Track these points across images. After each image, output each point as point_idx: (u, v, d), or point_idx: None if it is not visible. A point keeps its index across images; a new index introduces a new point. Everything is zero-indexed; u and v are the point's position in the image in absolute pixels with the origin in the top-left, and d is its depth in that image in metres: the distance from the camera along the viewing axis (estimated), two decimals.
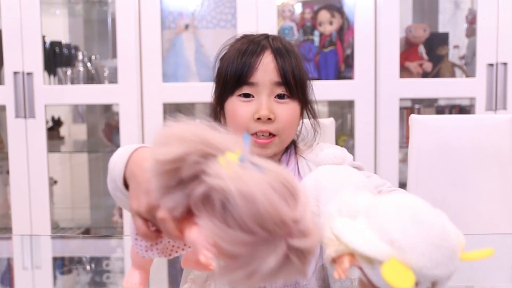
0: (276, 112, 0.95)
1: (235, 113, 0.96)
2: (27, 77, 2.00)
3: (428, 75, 2.16)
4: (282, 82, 0.95)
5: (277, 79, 0.95)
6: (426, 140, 1.36)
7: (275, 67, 0.95)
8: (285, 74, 0.95)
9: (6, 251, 1.13)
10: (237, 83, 0.95)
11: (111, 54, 2.46)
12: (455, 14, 2.34)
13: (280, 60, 0.95)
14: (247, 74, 0.94)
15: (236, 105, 0.96)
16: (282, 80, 0.95)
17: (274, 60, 0.95)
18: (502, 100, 1.95)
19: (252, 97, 0.95)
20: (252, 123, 0.95)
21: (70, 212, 2.58)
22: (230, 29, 2.14)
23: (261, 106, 0.94)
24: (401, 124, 2.08)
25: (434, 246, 0.50)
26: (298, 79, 0.97)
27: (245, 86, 0.95)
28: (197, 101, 2.23)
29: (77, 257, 1.08)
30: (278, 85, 0.95)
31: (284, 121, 0.96)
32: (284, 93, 0.96)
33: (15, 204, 2.05)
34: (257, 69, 0.94)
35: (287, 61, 0.96)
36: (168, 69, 2.15)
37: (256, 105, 0.95)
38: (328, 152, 0.82)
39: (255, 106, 0.95)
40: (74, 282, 0.93)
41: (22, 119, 2.02)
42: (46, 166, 2.04)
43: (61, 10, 2.56)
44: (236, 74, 0.95)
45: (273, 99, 0.96)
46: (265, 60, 0.95)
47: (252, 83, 0.94)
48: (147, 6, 2.00)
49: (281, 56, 0.96)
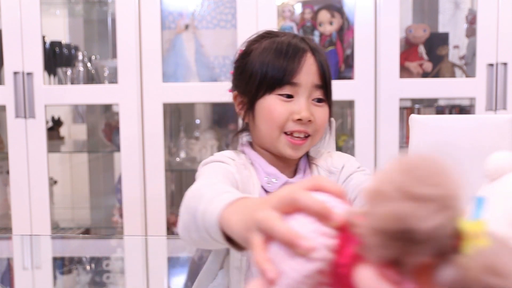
0: (314, 114, 0.97)
1: (273, 111, 0.96)
2: (27, 77, 2.00)
3: (428, 75, 2.16)
4: (321, 85, 0.97)
5: (318, 82, 0.96)
6: (426, 140, 1.36)
7: (317, 70, 0.96)
8: (325, 77, 0.97)
9: (6, 251, 1.13)
10: (279, 83, 0.95)
11: (111, 54, 2.46)
12: (455, 14, 2.34)
13: (320, 63, 0.97)
14: (291, 74, 0.95)
15: (275, 104, 0.96)
16: (322, 83, 0.97)
17: (315, 63, 0.97)
18: (502, 100, 1.95)
19: (292, 97, 0.96)
20: (289, 122, 0.96)
21: (70, 212, 2.58)
22: (230, 29, 2.14)
23: (302, 108, 0.95)
24: (401, 124, 2.07)
25: None
26: (330, 82, 0.99)
27: (287, 86, 0.95)
28: (197, 101, 2.23)
29: (77, 257, 1.08)
30: (317, 88, 0.97)
31: (320, 123, 0.98)
32: (321, 97, 0.98)
33: (15, 204, 2.05)
34: (301, 70, 0.95)
35: (324, 64, 0.98)
36: (168, 69, 2.15)
37: (296, 105, 0.95)
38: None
39: (295, 106, 0.95)
40: (74, 282, 0.93)
41: (22, 119, 2.02)
42: (46, 166, 2.04)
43: (61, 10, 2.56)
44: (279, 74, 0.95)
45: (310, 101, 0.97)
46: (307, 62, 0.96)
47: (295, 84, 0.95)
48: (147, 6, 2.00)
49: (320, 59, 0.98)
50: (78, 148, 2.66)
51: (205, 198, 0.68)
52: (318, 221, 0.45)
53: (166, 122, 2.23)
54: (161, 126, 2.02)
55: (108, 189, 2.56)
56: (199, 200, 0.69)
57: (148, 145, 2.03)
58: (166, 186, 2.11)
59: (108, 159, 2.55)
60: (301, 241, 0.44)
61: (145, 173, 2.03)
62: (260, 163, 1.00)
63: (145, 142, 2.03)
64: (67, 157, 2.69)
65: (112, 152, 2.41)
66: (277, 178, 0.98)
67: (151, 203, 2.04)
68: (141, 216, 2.04)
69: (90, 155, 2.60)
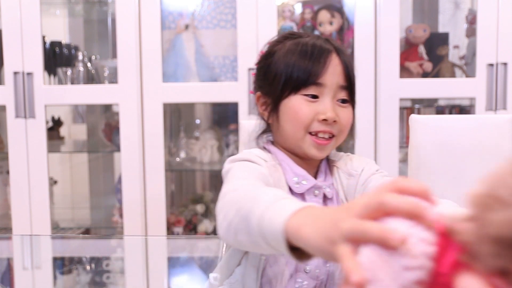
0: (339, 115, 0.97)
1: (298, 111, 0.96)
2: (27, 77, 2.00)
3: (428, 75, 2.16)
4: (346, 86, 0.97)
5: (343, 83, 0.96)
6: (426, 140, 1.36)
7: (342, 70, 0.96)
8: (350, 78, 0.97)
9: (6, 251, 1.13)
10: (305, 83, 0.95)
11: (111, 54, 2.46)
12: (455, 14, 2.34)
13: (345, 63, 0.97)
14: (317, 75, 0.95)
15: (300, 104, 0.96)
16: (347, 84, 0.97)
17: (340, 64, 0.97)
18: (502, 100, 1.95)
19: (317, 97, 0.96)
20: (314, 123, 0.96)
21: (70, 212, 2.58)
22: (230, 29, 2.14)
23: (328, 108, 0.95)
24: (401, 124, 2.07)
25: None
26: (354, 83, 0.99)
27: (313, 86, 0.95)
28: (197, 101, 2.23)
29: (77, 257, 1.08)
30: (342, 88, 0.97)
31: (344, 124, 0.98)
32: (346, 98, 0.98)
33: (15, 204, 2.05)
34: (326, 70, 0.95)
35: (349, 65, 0.98)
36: (168, 69, 2.15)
37: (322, 106, 0.96)
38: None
39: (320, 107, 0.95)
40: (74, 282, 0.93)
41: (22, 119, 2.02)
42: (46, 166, 2.04)
43: (61, 10, 2.56)
44: (304, 74, 0.95)
45: (335, 101, 0.97)
46: (333, 62, 0.96)
47: (320, 84, 0.95)
48: (147, 6, 2.00)
49: (345, 60, 0.97)
50: (78, 148, 2.66)
51: (261, 202, 0.65)
52: (414, 226, 0.42)
53: (166, 122, 2.23)
54: (161, 126, 2.02)
55: (108, 189, 2.56)
56: (253, 203, 0.67)
57: (148, 145, 2.03)
58: (166, 186, 2.11)
59: (108, 159, 2.55)
60: (395, 234, 0.41)
61: (145, 173, 2.03)
62: (289, 163, 1.00)
63: (145, 142, 2.03)
64: (67, 157, 2.69)
65: (112, 152, 2.41)
66: (306, 180, 0.98)
67: (151, 203, 2.04)
68: (141, 216, 2.04)
69: (90, 155, 2.60)
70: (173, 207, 2.37)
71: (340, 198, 1.02)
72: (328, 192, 0.99)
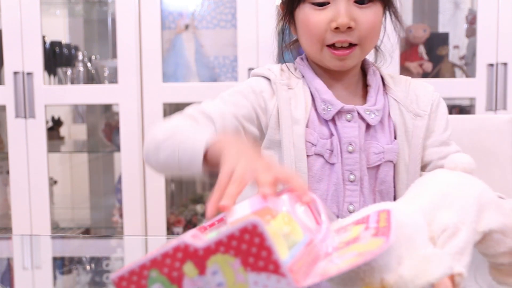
0: (357, 19, 0.84)
1: (308, 22, 0.85)
2: (27, 77, 2.00)
3: (428, 75, 2.16)
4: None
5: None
6: None
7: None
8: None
9: (6, 251, 1.13)
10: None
11: (111, 54, 2.46)
12: (455, 14, 2.34)
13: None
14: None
15: (309, 14, 0.85)
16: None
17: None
18: (502, 100, 1.95)
19: (328, 4, 0.84)
20: (328, 33, 0.85)
21: (70, 212, 2.58)
22: (230, 29, 2.14)
23: (339, 13, 0.83)
24: None
25: None
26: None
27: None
28: (197, 101, 2.22)
29: (77, 257, 1.08)
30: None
31: (366, 28, 0.85)
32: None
33: (15, 204, 2.05)
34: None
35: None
36: (168, 69, 2.15)
37: (333, 12, 0.83)
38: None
39: (332, 13, 0.83)
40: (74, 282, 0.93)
41: (22, 119, 2.02)
42: (46, 166, 2.04)
43: (61, 10, 2.56)
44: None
45: (352, 3, 0.84)
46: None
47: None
48: (147, 6, 2.00)
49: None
50: (78, 148, 2.66)
51: (193, 132, 0.74)
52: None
53: None
54: None
55: (108, 189, 2.56)
56: (186, 133, 0.75)
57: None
58: (166, 186, 2.11)
59: (108, 159, 2.55)
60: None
61: (145, 173, 2.03)
62: (317, 87, 0.90)
63: (145, 142, 2.03)
64: (67, 157, 2.69)
65: (112, 152, 2.41)
66: (331, 105, 0.88)
67: (151, 203, 2.04)
68: (141, 216, 2.04)
69: (90, 155, 2.60)
70: (173, 207, 2.37)
71: (397, 133, 0.92)
72: (372, 119, 0.89)
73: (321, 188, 0.89)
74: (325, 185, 0.89)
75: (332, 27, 0.84)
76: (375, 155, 0.90)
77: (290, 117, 0.88)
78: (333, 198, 0.89)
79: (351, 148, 0.88)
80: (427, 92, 0.96)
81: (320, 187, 0.89)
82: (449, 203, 0.57)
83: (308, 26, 0.86)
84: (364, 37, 0.86)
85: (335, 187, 0.89)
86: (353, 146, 0.88)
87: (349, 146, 0.88)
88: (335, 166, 0.89)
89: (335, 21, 0.83)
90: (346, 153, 0.88)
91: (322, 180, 0.89)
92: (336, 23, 0.83)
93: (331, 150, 0.89)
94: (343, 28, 0.83)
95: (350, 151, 0.88)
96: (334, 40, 0.85)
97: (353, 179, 0.89)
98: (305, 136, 0.88)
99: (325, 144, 0.89)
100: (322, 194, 0.89)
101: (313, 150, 0.89)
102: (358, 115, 0.89)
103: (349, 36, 0.85)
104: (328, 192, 0.89)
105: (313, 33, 0.86)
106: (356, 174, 0.89)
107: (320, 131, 0.89)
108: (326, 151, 0.89)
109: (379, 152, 0.90)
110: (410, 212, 0.54)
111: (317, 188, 0.89)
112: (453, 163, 0.64)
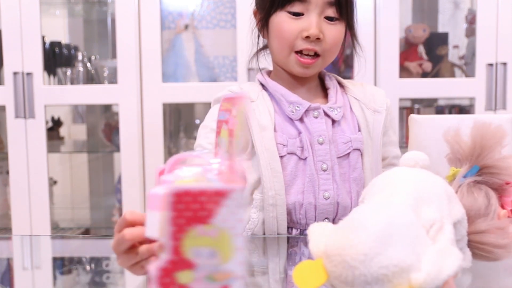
0: (325, 32, 0.95)
1: (282, 29, 0.95)
2: (27, 77, 2.00)
3: (428, 75, 2.16)
4: (334, 2, 0.94)
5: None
6: (426, 140, 1.36)
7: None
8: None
9: (6, 251, 1.13)
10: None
11: (111, 54, 2.46)
12: (454, 14, 2.34)
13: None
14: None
15: (284, 21, 0.95)
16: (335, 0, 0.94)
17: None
18: (502, 100, 1.95)
19: (302, 14, 0.94)
20: (299, 40, 0.95)
21: (70, 212, 2.58)
22: (230, 29, 2.14)
23: (311, 25, 0.93)
24: (401, 124, 2.08)
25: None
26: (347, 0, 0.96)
27: (297, 2, 0.94)
28: (197, 101, 2.23)
29: (77, 257, 1.08)
30: (330, 5, 0.95)
31: (331, 42, 0.96)
32: (334, 16, 0.95)
33: (15, 204, 2.05)
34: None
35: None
36: (168, 69, 2.15)
37: (306, 23, 0.94)
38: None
39: (305, 24, 0.94)
40: (74, 282, 0.93)
41: (22, 119, 2.02)
42: (46, 166, 2.04)
43: (61, 10, 2.56)
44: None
45: (322, 18, 0.95)
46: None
47: (305, 0, 0.93)
48: (147, 6, 2.00)
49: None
50: (78, 148, 2.66)
51: None
52: None
53: (166, 122, 2.23)
54: (161, 126, 2.02)
55: (108, 189, 2.56)
56: None
57: (148, 145, 2.03)
58: None
59: (108, 159, 2.55)
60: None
61: (145, 173, 2.03)
62: (282, 93, 1.00)
63: (144, 142, 2.03)
64: (67, 157, 2.69)
65: (112, 152, 2.41)
66: (300, 105, 0.98)
67: None
68: None
69: (90, 155, 2.60)
70: None
71: (361, 126, 1.01)
72: (336, 115, 0.99)
73: (297, 183, 0.97)
74: (301, 179, 0.97)
75: (303, 35, 0.94)
76: (344, 145, 1.00)
77: (258, 124, 0.97)
78: (309, 189, 0.96)
79: (321, 139, 0.98)
80: (381, 94, 1.06)
81: (296, 182, 0.97)
82: (427, 199, 0.58)
83: (281, 32, 0.96)
84: (328, 50, 0.97)
85: (309, 178, 0.97)
86: (323, 137, 0.98)
87: (319, 138, 0.98)
88: (308, 160, 0.97)
89: (307, 31, 0.94)
90: (317, 144, 0.97)
91: (297, 176, 0.97)
92: (307, 33, 0.93)
93: (301, 146, 0.98)
94: (312, 38, 0.94)
95: (320, 142, 0.97)
96: (302, 47, 0.95)
97: (326, 168, 0.97)
98: (275, 139, 0.97)
99: (294, 142, 0.98)
100: (299, 188, 0.97)
101: (285, 150, 0.97)
102: (323, 113, 0.99)
103: (316, 46, 0.95)
104: (304, 184, 0.97)
105: (285, 39, 0.95)
106: (327, 164, 0.97)
107: (288, 132, 0.99)
108: (297, 148, 0.98)
109: (346, 141, 1.00)
110: (408, 212, 0.55)
111: (294, 184, 0.97)
112: (413, 161, 0.66)
